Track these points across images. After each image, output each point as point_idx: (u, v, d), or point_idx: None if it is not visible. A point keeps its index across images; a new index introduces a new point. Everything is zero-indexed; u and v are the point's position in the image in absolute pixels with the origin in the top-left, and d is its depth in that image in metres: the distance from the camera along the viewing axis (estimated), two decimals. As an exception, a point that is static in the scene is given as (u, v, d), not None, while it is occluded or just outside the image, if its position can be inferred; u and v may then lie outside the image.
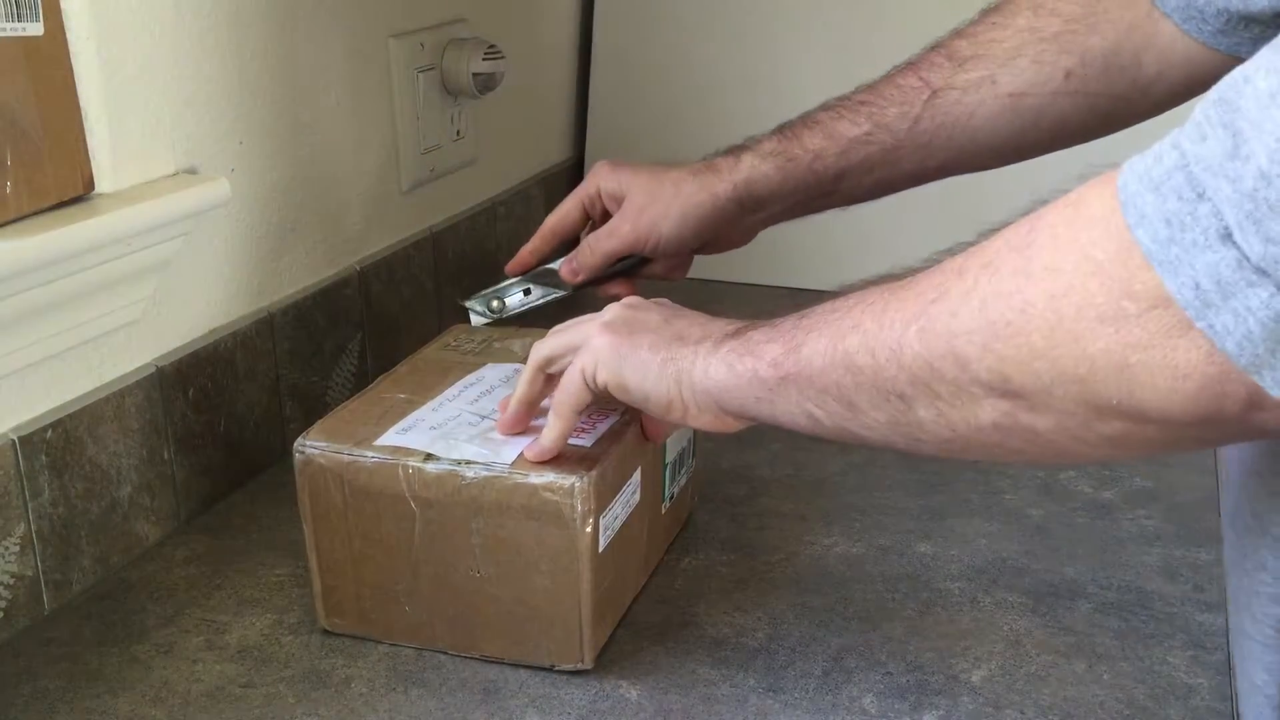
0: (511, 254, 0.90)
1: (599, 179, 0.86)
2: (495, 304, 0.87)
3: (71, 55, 0.71)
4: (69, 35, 0.71)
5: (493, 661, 0.69)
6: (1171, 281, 0.39)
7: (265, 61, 0.89)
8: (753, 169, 0.82)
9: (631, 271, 0.87)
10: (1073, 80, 0.74)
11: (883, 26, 1.26)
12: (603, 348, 0.64)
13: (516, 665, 0.69)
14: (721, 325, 0.63)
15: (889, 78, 0.80)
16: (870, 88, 0.80)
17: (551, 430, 0.65)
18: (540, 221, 0.90)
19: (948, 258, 0.49)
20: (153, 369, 0.81)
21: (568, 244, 0.89)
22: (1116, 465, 0.90)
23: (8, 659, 0.70)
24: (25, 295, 0.68)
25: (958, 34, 0.78)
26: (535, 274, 0.88)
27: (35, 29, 0.68)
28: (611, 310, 0.66)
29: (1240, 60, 0.61)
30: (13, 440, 0.71)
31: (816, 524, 0.84)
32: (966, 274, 0.47)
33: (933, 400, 0.48)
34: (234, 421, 0.88)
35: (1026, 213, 0.47)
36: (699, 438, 0.82)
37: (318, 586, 0.71)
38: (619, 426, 0.70)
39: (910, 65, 0.79)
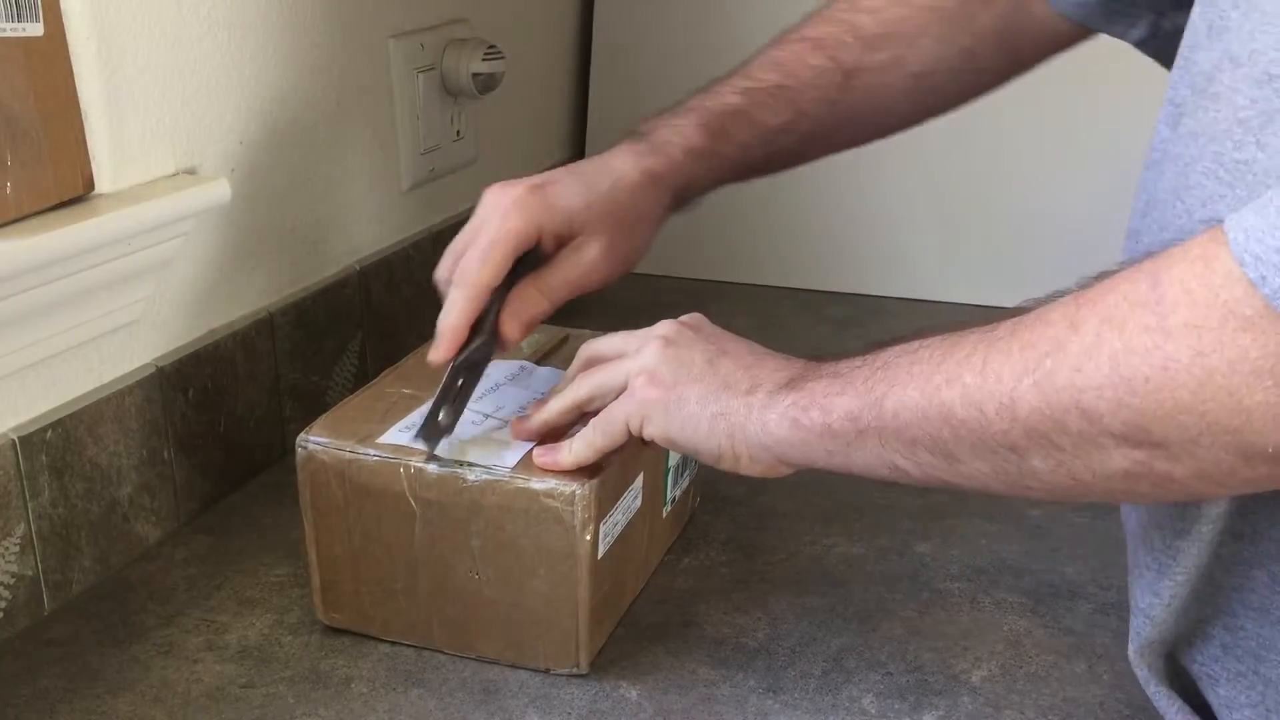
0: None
1: (533, 217, 0.69)
2: (445, 423, 0.68)
3: (71, 55, 0.71)
4: (69, 35, 0.71)
5: (492, 662, 0.69)
6: None
7: (265, 61, 0.89)
8: (689, 174, 0.76)
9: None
10: (969, 57, 0.77)
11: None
12: (650, 401, 0.62)
13: (515, 666, 0.69)
14: (769, 370, 0.61)
15: (797, 55, 0.77)
16: (778, 65, 0.77)
17: (575, 456, 0.65)
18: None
19: (1036, 306, 0.49)
20: (153, 369, 0.81)
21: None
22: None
23: (8, 659, 0.70)
24: (25, 295, 0.68)
25: (857, 6, 0.78)
26: (467, 358, 0.69)
27: (35, 29, 0.68)
28: (652, 347, 0.64)
29: (1090, 31, 0.64)
30: (13, 440, 0.71)
31: (816, 524, 0.84)
32: (1083, 328, 0.46)
33: (1052, 452, 0.48)
34: (234, 421, 0.88)
35: (1127, 263, 0.47)
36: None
37: (316, 581, 0.71)
38: None
39: (815, 42, 0.77)
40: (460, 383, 0.69)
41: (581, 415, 0.67)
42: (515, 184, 0.70)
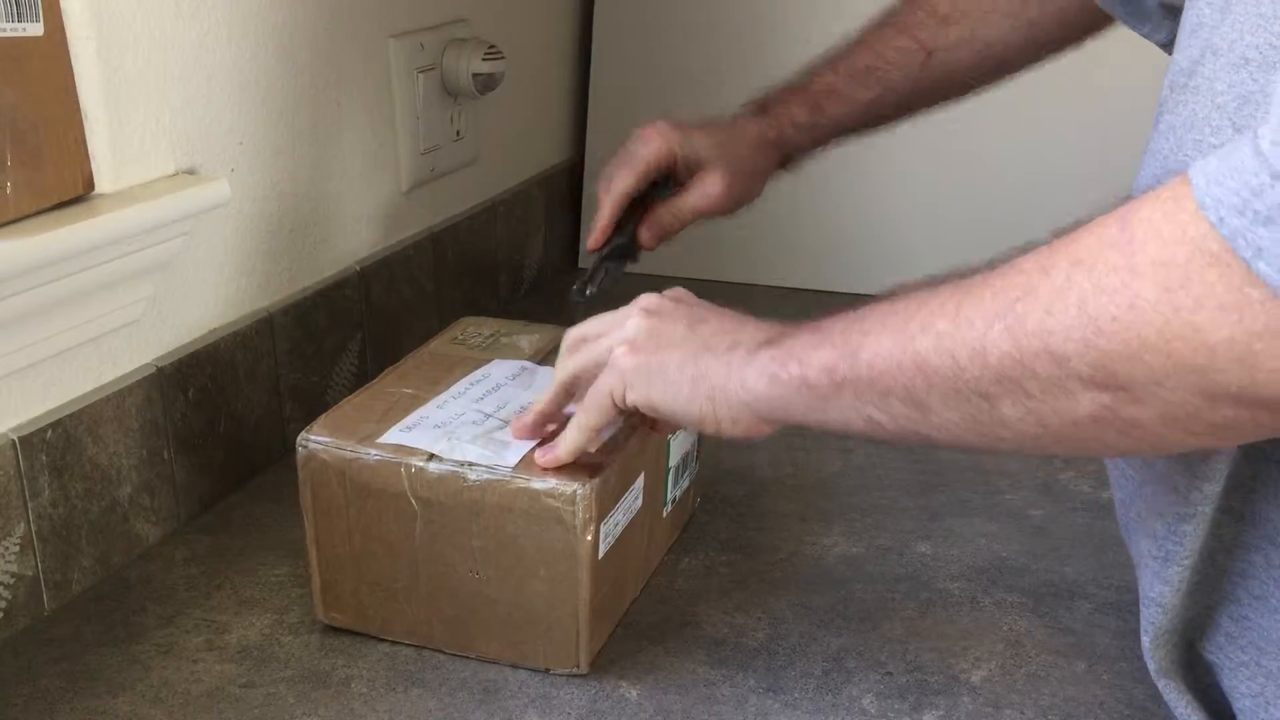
0: (511, 254, 0.90)
1: (671, 144, 0.86)
2: (590, 290, 0.85)
3: (71, 55, 0.71)
4: (69, 35, 0.71)
5: (492, 662, 0.69)
6: None
7: (265, 61, 0.89)
8: (794, 142, 0.90)
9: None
10: (1034, 30, 0.85)
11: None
12: (630, 369, 0.63)
13: (515, 666, 0.69)
14: (750, 331, 0.62)
15: (884, 39, 0.88)
16: (869, 47, 0.88)
17: (570, 443, 0.65)
18: (539, 222, 0.90)
19: (1015, 256, 0.50)
20: (153, 369, 0.81)
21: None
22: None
23: (8, 659, 0.70)
24: (25, 295, 0.68)
25: None
26: (611, 250, 0.87)
27: (35, 29, 0.68)
28: (633, 319, 0.65)
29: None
30: (13, 440, 0.71)
31: (816, 524, 0.84)
32: (1054, 271, 0.47)
33: (1021, 398, 0.48)
34: (234, 421, 0.88)
35: (1092, 214, 0.47)
36: (701, 442, 0.82)
37: (317, 581, 0.71)
38: (623, 432, 0.70)
39: (899, 25, 0.88)
40: (605, 269, 0.85)
41: (571, 398, 0.68)
42: (661, 119, 0.87)
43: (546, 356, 0.80)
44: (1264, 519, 0.52)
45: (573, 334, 0.69)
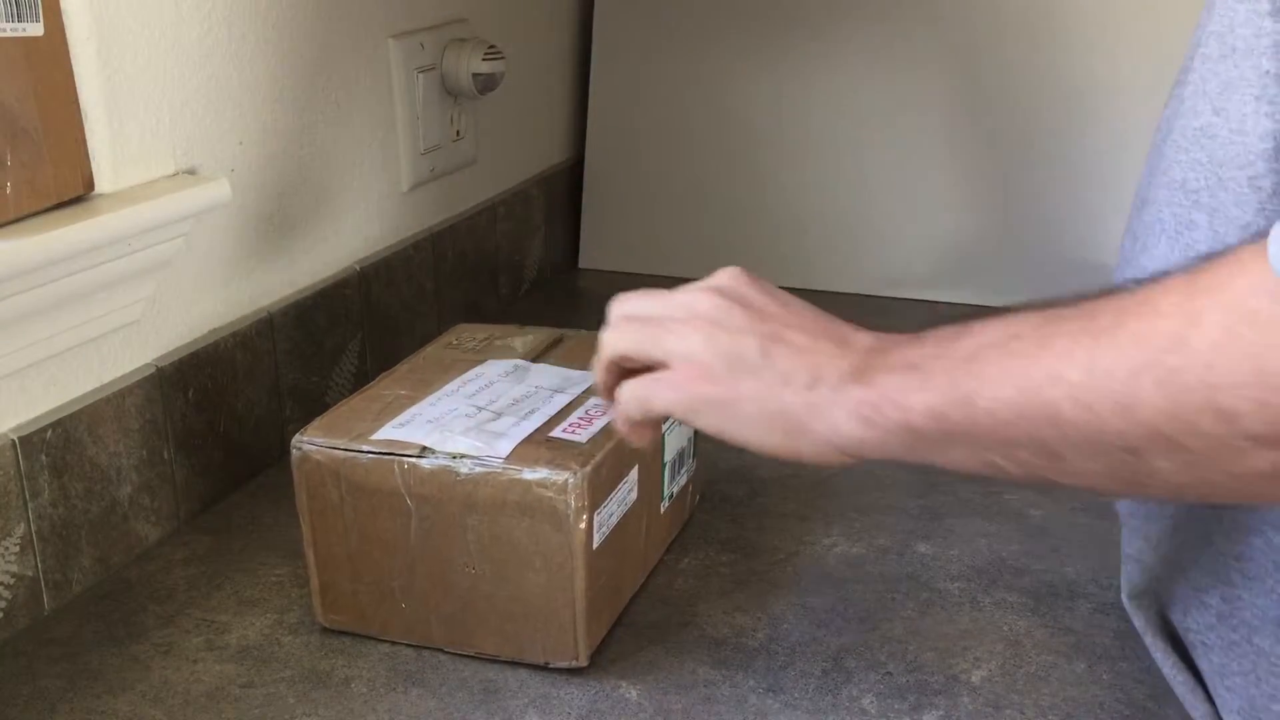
0: (511, 254, 0.90)
1: None
2: None
3: (71, 55, 0.71)
4: (69, 35, 0.71)
5: (492, 661, 0.69)
6: None
7: (265, 61, 0.89)
8: None
9: None
10: None
11: (880, 26, 1.26)
12: (701, 397, 0.57)
13: (516, 665, 0.69)
14: (829, 355, 0.55)
15: None
16: None
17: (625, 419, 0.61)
18: (539, 223, 0.89)
19: (1130, 290, 0.46)
20: (153, 369, 0.81)
21: None
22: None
23: (8, 659, 0.70)
24: (25, 295, 0.68)
25: None
26: None
27: (35, 29, 0.68)
28: (698, 333, 0.57)
29: None
30: (13, 440, 0.71)
31: (816, 524, 0.84)
32: (1206, 321, 0.43)
33: (1178, 453, 0.44)
34: (234, 421, 0.88)
35: (1231, 247, 0.44)
36: (698, 437, 0.82)
37: (315, 583, 0.71)
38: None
39: None
40: None
41: (623, 373, 0.61)
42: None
43: (540, 355, 0.80)
44: None
45: (622, 308, 0.61)
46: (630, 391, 0.59)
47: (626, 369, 0.60)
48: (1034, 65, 1.21)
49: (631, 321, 0.60)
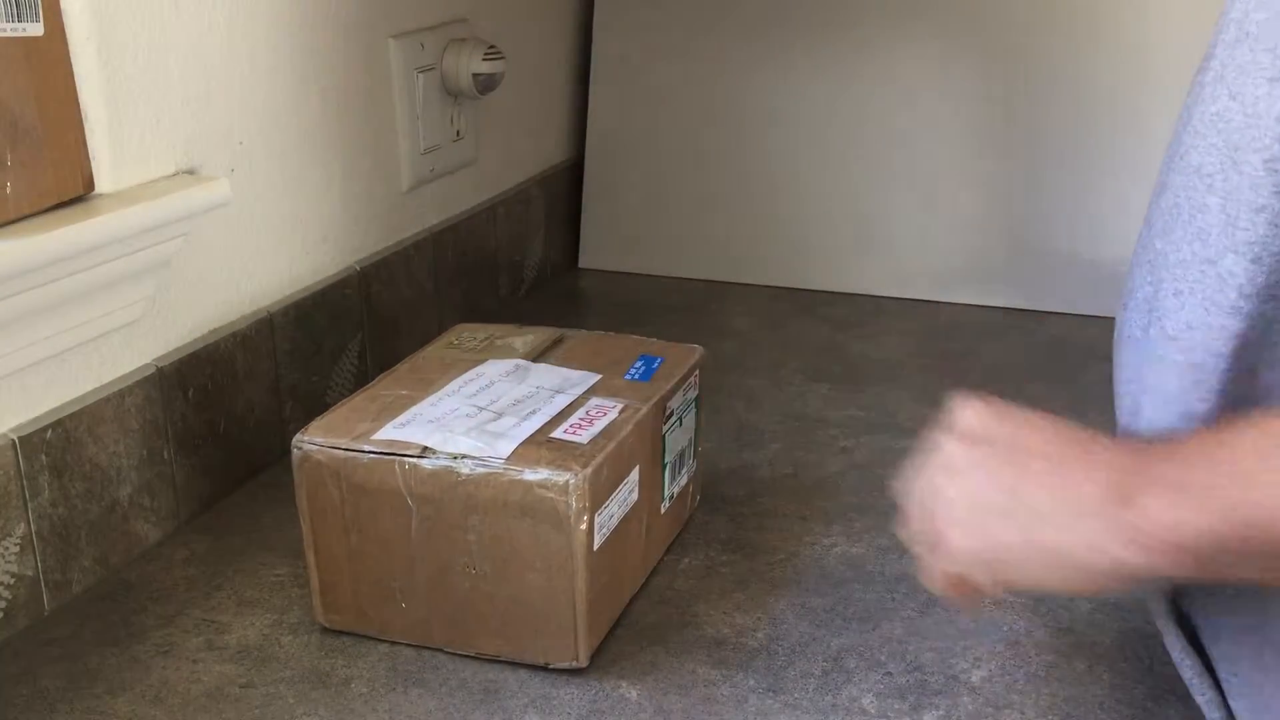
0: (511, 254, 0.90)
1: None
2: None
3: (71, 55, 0.71)
4: (69, 35, 0.71)
5: (492, 661, 0.69)
6: None
7: (265, 61, 0.89)
8: None
9: None
10: None
11: (879, 26, 1.26)
12: (963, 557, 0.56)
13: (516, 665, 0.69)
14: (1079, 482, 0.53)
15: None
16: None
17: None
18: (539, 222, 0.89)
19: None
20: (153, 369, 0.81)
21: None
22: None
23: (8, 659, 0.70)
24: (25, 295, 0.68)
25: None
26: None
27: (35, 29, 0.68)
28: (947, 490, 0.57)
29: None
30: (13, 440, 0.71)
31: (816, 524, 0.84)
32: None
33: None
34: (234, 421, 0.88)
35: None
36: (698, 438, 0.82)
37: (315, 583, 0.71)
38: (616, 424, 0.70)
39: None
40: None
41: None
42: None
43: (540, 355, 0.80)
44: None
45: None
46: (927, 570, 0.59)
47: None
48: (1036, 65, 1.21)
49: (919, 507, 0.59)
